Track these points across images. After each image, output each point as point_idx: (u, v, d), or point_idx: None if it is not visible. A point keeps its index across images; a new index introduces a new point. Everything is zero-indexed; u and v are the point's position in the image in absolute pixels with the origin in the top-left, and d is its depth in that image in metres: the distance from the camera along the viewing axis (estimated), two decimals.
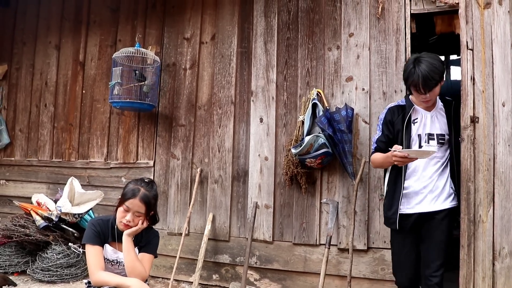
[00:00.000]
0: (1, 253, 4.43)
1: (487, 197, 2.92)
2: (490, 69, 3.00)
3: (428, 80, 2.61)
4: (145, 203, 2.56)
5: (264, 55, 4.08)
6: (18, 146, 5.59)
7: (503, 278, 2.84)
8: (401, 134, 2.80)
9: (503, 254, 2.86)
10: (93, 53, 5.11)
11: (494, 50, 3.01)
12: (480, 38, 3.04)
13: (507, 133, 2.91)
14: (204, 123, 4.32)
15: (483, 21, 3.05)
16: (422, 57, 2.67)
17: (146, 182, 2.67)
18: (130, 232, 2.57)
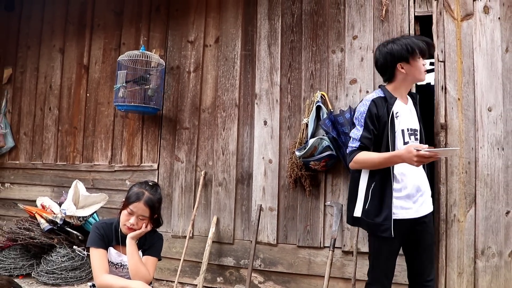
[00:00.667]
0: (6, 256, 4.44)
1: (465, 198, 3.15)
2: (470, 77, 3.22)
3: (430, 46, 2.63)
4: (149, 207, 2.57)
5: (268, 57, 4.09)
6: (22, 150, 5.60)
7: (488, 276, 3.05)
8: (387, 129, 2.52)
9: (489, 253, 3.08)
10: (97, 57, 5.12)
11: (476, 58, 3.23)
12: (456, 49, 3.27)
13: (495, 137, 3.11)
14: (208, 126, 4.32)
15: (460, 33, 3.29)
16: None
17: (150, 186, 2.67)
18: (134, 235, 2.58)
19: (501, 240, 3.10)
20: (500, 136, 3.16)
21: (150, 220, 2.62)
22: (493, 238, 3.11)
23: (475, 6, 3.31)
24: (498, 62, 3.20)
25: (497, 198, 3.12)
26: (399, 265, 2.86)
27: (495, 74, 3.20)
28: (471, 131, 3.22)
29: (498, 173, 3.14)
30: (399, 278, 3.35)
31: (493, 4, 3.29)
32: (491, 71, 3.21)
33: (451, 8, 3.36)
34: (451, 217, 3.17)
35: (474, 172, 3.17)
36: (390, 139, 2.52)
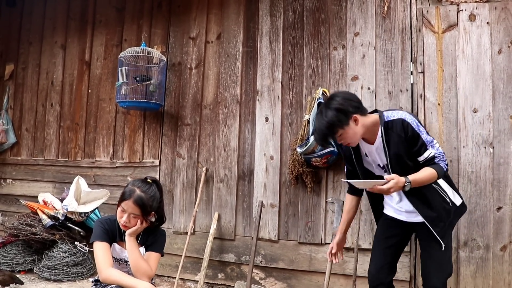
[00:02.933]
0: (8, 251, 4.46)
1: None
2: (452, 83, 3.45)
3: (319, 138, 2.54)
4: (139, 206, 2.52)
5: (269, 54, 4.09)
6: (24, 146, 5.61)
7: (472, 267, 3.30)
8: (355, 169, 2.72)
9: (473, 245, 3.31)
10: (99, 53, 5.13)
11: (459, 65, 3.44)
12: (436, 59, 3.50)
13: (481, 136, 3.34)
14: (210, 122, 4.33)
15: (441, 44, 3.50)
16: (327, 103, 2.52)
17: (145, 183, 2.62)
18: (131, 231, 2.57)
19: (488, 233, 3.28)
20: (488, 136, 3.32)
21: (144, 218, 2.59)
22: (479, 232, 3.30)
23: (459, 17, 3.46)
24: (486, 65, 3.37)
25: (484, 194, 3.32)
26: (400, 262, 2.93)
27: (482, 77, 3.37)
28: (453, 132, 3.41)
29: (485, 171, 3.32)
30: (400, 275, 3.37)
31: (481, 11, 3.41)
32: (476, 75, 3.38)
33: (431, 24, 3.53)
34: None
35: (457, 170, 3.38)
36: (361, 174, 2.71)
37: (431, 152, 2.47)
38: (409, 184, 2.35)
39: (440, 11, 3.50)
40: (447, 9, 3.48)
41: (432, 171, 2.43)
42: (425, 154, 2.48)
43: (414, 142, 2.47)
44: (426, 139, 2.49)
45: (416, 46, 3.55)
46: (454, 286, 3.27)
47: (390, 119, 2.52)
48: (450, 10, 3.47)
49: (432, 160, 2.47)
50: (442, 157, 2.49)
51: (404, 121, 2.48)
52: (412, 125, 2.48)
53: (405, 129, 2.46)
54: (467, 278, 3.26)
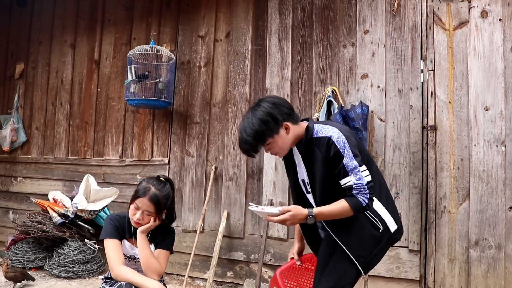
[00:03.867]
0: (19, 248, 4.50)
1: (457, 192, 3.35)
2: (463, 81, 3.40)
3: (244, 145, 2.25)
4: (154, 203, 2.54)
5: (278, 52, 4.08)
6: (34, 144, 5.65)
7: (484, 266, 3.24)
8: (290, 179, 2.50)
9: (485, 245, 3.24)
10: (108, 52, 5.15)
11: (470, 63, 3.39)
12: (447, 57, 3.45)
13: (493, 135, 3.29)
14: (219, 120, 4.33)
15: (452, 41, 3.46)
16: (250, 111, 2.28)
17: (159, 181, 2.64)
18: (143, 229, 2.58)
19: (500, 233, 3.23)
20: (499, 134, 3.27)
21: (157, 215, 2.60)
22: (490, 231, 3.25)
23: (471, 13, 3.42)
24: (498, 63, 3.31)
25: (496, 193, 3.26)
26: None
27: (494, 75, 3.32)
28: (464, 130, 3.37)
29: (497, 169, 3.26)
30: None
31: (493, 7, 3.36)
32: (488, 72, 3.33)
33: (442, 21, 3.49)
34: (441, 209, 3.37)
35: (468, 168, 3.33)
36: (292, 187, 2.52)
37: (349, 180, 2.17)
38: (312, 218, 2.13)
39: (451, 8, 3.46)
40: (458, 6, 3.45)
41: (345, 206, 2.14)
42: (344, 180, 2.19)
43: (335, 164, 2.19)
44: (347, 164, 2.17)
45: (426, 44, 3.52)
46: (465, 286, 3.24)
47: (317, 135, 2.26)
48: (461, 7, 3.43)
49: (349, 191, 2.17)
50: (363, 190, 2.15)
51: (330, 140, 2.20)
52: (337, 145, 2.19)
53: (329, 148, 2.20)
54: (478, 278, 3.22)
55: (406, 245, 3.44)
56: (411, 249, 3.42)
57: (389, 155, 3.55)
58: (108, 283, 2.56)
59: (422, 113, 3.48)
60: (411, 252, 3.43)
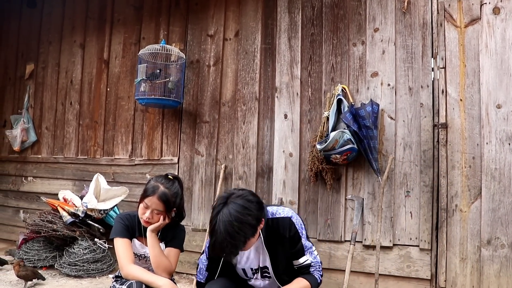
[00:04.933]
0: (30, 247, 4.52)
1: (469, 191, 3.31)
2: (474, 79, 3.36)
3: (230, 251, 2.12)
4: (163, 202, 2.55)
5: (288, 51, 4.07)
6: (44, 144, 5.69)
7: (496, 265, 3.18)
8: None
9: (497, 244, 3.19)
10: (117, 51, 5.17)
11: (482, 60, 3.34)
12: (458, 54, 3.41)
13: (505, 133, 3.26)
14: (228, 119, 4.33)
15: (463, 38, 3.42)
16: (228, 208, 2.13)
17: (167, 179, 2.65)
18: (153, 228, 2.59)
19: None
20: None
21: (166, 214, 2.61)
22: (503, 230, 3.19)
23: (483, 10, 3.37)
24: (511, 60, 3.26)
25: (508, 192, 3.21)
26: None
27: (506, 72, 3.27)
28: (476, 128, 3.32)
29: (509, 168, 3.20)
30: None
31: (506, 4, 3.31)
32: (500, 69, 3.28)
33: (453, 18, 3.45)
34: (452, 207, 3.32)
35: (480, 167, 3.28)
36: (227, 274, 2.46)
37: (307, 259, 2.32)
38: None
39: (463, 5, 3.42)
40: (469, 2, 3.41)
41: (306, 285, 2.28)
42: (301, 259, 2.32)
43: (294, 244, 2.31)
44: (305, 244, 2.33)
45: (437, 41, 3.49)
46: (477, 285, 3.21)
47: (275, 217, 2.33)
48: (473, 3, 3.40)
49: (307, 268, 2.32)
50: (318, 267, 2.35)
51: (290, 220, 2.31)
52: (296, 225, 2.32)
53: (289, 228, 2.30)
54: (491, 278, 3.18)
55: (417, 244, 3.42)
56: (422, 248, 3.39)
57: (400, 154, 3.53)
58: (119, 281, 2.58)
59: (433, 111, 3.46)
60: (422, 251, 3.40)
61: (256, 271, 2.46)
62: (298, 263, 2.34)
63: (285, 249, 2.34)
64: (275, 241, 2.34)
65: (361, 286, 3.60)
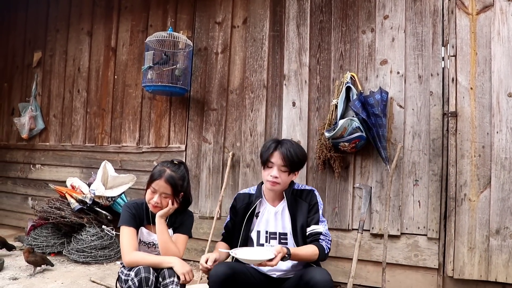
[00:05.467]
0: (38, 234, 4.55)
1: (478, 180, 3.28)
2: (486, 67, 3.30)
3: (292, 155, 2.49)
4: (171, 184, 2.55)
5: (296, 38, 4.04)
6: (52, 131, 5.70)
7: (505, 255, 3.17)
8: (243, 225, 2.61)
9: (506, 234, 3.18)
10: (124, 39, 5.15)
11: (494, 48, 3.29)
12: (469, 42, 3.37)
13: None
14: (236, 107, 4.31)
15: (475, 26, 3.37)
16: (285, 140, 2.61)
17: (173, 164, 2.66)
18: (162, 213, 2.59)
19: None
20: None
21: (174, 198, 2.61)
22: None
23: None
24: None
25: None
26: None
27: None
28: (486, 117, 3.28)
29: None
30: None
31: None
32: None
33: (464, 5, 3.39)
34: (461, 196, 3.29)
35: (490, 156, 3.25)
36: (242, 236, 2.61)
37: (319, 227, 2.50)
38: (288, 257, 2.27)
39: None
40: None
41: (314, 250, 2.40)
42: (314, 227, 2.51)
43: (312, 212, 2.55)
44: (321, 217, 2.55)
45: (448, 29, 3.45)
46: (485, 274, 3.19)
47: (300, 188, 2.64)
48: None
49: (318, 236, 2.47)
50: (328, 240, 2.50)
51: (313, 192, 2.63)
52: (317, 198, 2.61)
53: (311, 197, 2.59)
54: (499, 267, 3.16)
55: (425, 233, 3.41)
56: (430, 237, 3.39)
57: (409, 142, 3.51)
58: (127, 267, 2.58)
59: (443, 100, 3.43)
60: (429, 240, 3.40)
61: (273, 236, 2.57)
62: (310, 229, 2.50)
63: (303, 217, 2.53)
64: (297, 208, 2.56)
65: (368, 275, 3.60)
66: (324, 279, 2.20)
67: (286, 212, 2.57)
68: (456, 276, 3.27)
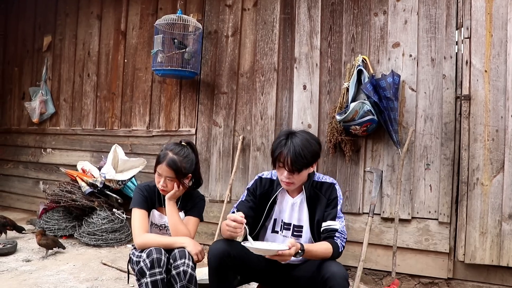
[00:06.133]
0: (50, 217, 4.59)
1: (491, 164, 3.25)
2: (501, 49, 3.24)
3: (299, 157, 2.28)
4: (172, 168, 2.54)
5: (307, 21, 4.00)
6: (62, 116, 5.72)
7: None
8: (264, 210, 2.52)
9: None
10: (134, 22, 5.13)
11: (510, 29, 3.21)
12: (485, 24, 3.29)
13: None
14: (247, 90, 4.29)
15: (491, 7, 3.28)
16: (298, 132, 2.39)
17: (178, 146, 2.64)
18: (170, 195, 2.59)
19: None
20: None
21: (179, 181, 2.60)
22: None
23: None
24: None
25: None
26: None
27: None
28: (501, 101, 3.23)
29: None
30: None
31: None
32: None
33: None
34: (473, 181, 3.26)
35: (503, 140, 3.21)
36: (262, 221, 2.53)
37: (335, 224, 2.38)
38: (301, 253, 2.18)
39: None
40: None
41: (328, 248, 2.28)
42: (331, 222, 2.39)
43: (330, 207, 2.43)
44: (339, 212, 2.42)
45: (462, 10, 3.38)
46: (497, 259, 3.16)
47: (320, 180, 2.51)
48: None
49: (333, 233, 2.35)
50: (343, 238, 2.37)
51: (334, 185, 2.49)
52: (337, 192, 2.48)
53: (331, 191, 2.46)
54: (511, 252, 3.14)
55: (436, 217, 3.39)
56: (441, 221, 3.37)
57: (420, 126, 3.48)
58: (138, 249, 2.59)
59: (456, 83, 3.38)
60: (441, 224, 3.38)
61: (287, 227, 2.51)
62: (326, 225, 2.39)
63: (321, 211, 2.43)
64: (315, 201, 2.46)
65: (379, 259, 3.59)
66: (341, 274, 2.15)
67: (304, 205, 2.49)
68: (467, 260, 3.25)
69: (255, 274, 2.56)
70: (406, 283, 3.50)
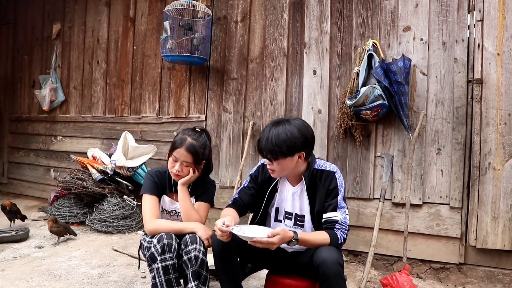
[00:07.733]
0: (61, 204, 4.63)
1: (503, 148, 3.21)
2: None
3: (271, 145, 2.23)
4: (191, 153, 2.54)
5: (317, 5, 3.96)
6: (72, 103, 5.74)
7: None
8: (264, 198, 2.49)
9: None
10: (143, 9, 5.11)
11: None
12: (498, 6, 3.24)
13: None
14: (256, 76, 4.27)
15: None
16: (288, 120, 2.31)
17: (194, 131, 2.64)
18: (184, 181, 2.59)
19: None
20: None
21: (195, 166, 2.60)
22: None
23: None
24: None
25: None
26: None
27: None
28: None
29: None
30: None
31: None
32: None
33: None
34: (485, 165, 3.24)
35: None
36: (263, 209, 2.52)
37: (336, 215, 2.30)
38: (295, 242, 2.13)
39: None
40: None
41: (325, 238, 2.23)
42: (331, 213, 2.32)
43: (330, 197, 2.35)
44: (340, 202, 2.33)
45: None
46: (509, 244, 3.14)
47: (320, 168, 2.40)
48: None
49: (333, 224, 2.29)
50: (344, 229, 2.29)
51: (334, 174, 2.37)
52: (338, 181, 2.37)
53: (331, 181, 2.36)
54: None
55: (447, 202, 3.38)
56: (453, 206, 3.35)
57: (431, 110, 3.45)
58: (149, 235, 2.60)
59: (468, 67, 3.34)
60: (452, 209, 3.36)
61: (289, 216, 2.49)
62: (326, 216, 2.33)
63: (321, 201, 2.37)
64: (315, 191, 2.40)
65: (389, 244, 3.59)
66: (332, 259, 2.11)
67: (304, 194, 2.43)
68: (478, 245, 3.24)
69: (263, 260, 2.54)
70: (417, 268, 3.50)
